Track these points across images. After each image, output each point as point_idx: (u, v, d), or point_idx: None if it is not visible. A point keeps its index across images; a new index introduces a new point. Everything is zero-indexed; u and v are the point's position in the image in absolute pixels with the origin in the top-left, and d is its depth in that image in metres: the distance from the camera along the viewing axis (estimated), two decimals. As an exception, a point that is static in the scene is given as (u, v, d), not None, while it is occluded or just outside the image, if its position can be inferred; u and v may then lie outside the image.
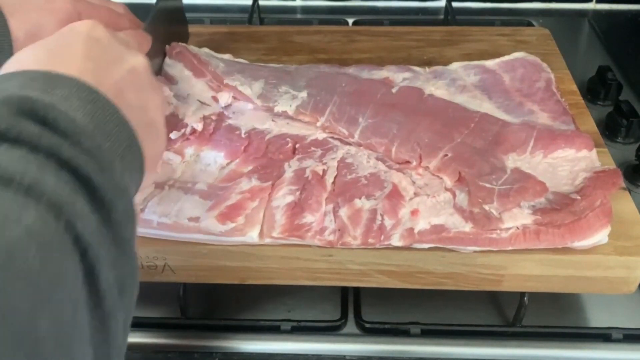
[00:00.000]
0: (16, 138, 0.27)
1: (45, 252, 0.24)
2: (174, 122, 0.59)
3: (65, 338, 0.25)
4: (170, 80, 0.64)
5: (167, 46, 0.66)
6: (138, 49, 0.45)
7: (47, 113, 0.29)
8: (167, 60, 0.65)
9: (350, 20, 0.97)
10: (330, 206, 0.51)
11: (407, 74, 0.65)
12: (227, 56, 0.69)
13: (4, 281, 0.22)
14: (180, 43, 0.67)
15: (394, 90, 0.63)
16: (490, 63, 0.67)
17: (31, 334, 0.23)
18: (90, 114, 0.32)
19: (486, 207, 0.50)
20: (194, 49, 0.67)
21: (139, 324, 0.55)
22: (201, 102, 0.62)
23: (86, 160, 0.29)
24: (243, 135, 0.59)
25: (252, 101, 0.62)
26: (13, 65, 0.35)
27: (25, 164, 0.26)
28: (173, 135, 0.58)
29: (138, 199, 0.41)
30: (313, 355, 0.53)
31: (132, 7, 0.61)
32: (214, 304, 0.58)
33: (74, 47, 0.37)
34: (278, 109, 0.61)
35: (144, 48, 0.51)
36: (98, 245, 0.28)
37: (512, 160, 0.55)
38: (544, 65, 0.67)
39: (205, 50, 0.68)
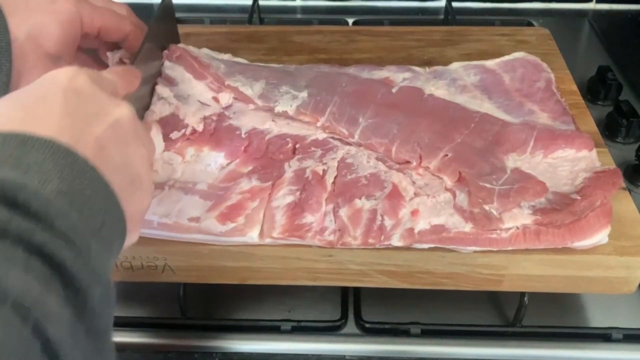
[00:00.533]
0: None
1: None
2: (174, 122, 0.59)
3: None
4: (170, 82, 0.64)
5: (165, 51, 0.66)
6: (126, 88, 0.44)
7: (17, 195, 0.27)
8: (167, 62, 0.65)
9: (350, 20, 0.97)
10: (331, 206, 0.51)
11: (407, 74, 0.65)
12: (226, 56, 0.69)
13: None
14: (179, 45, 0.66)
15: (394, 90, 0.63)
16: (490, 63, 0.67)
17: None
18: (68, 179, 0.30)
19: (486, 207, 0.50)
20: (193, 51, 0.66)
21: (139, 324, 0.55)
22: (202, 102, 0.62)
23: (60, 245, 0.27)
24: (243, 136, 0.59)
25: (253, 102, 0.62)
26: None
27: None
28: (173, 136, 0.58)
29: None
30: (313, 355, 0.53)
31: (133, 7, 0.61)
32: (214, 304, 0.58)
33: (51, 102, 0.34)
34: (278, 109, 0.61)
35: (134, 85, 0.47)
36: (71, 347, 0.26)
37: (512, 161, 0.55)
38: (544, 65, 0.67)
39: (205, 51, 0.68)
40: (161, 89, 0.62)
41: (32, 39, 0.50)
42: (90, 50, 0.60)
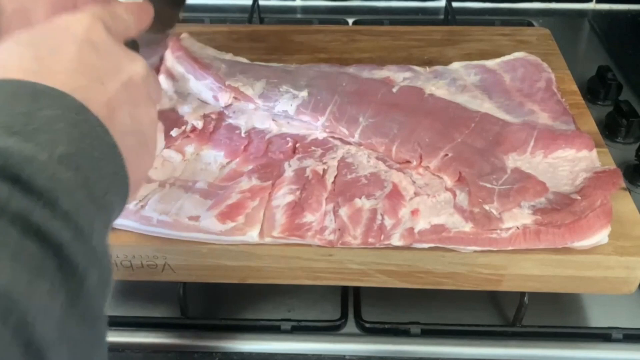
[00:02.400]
0: None
1: None
2: (173, 118, 0.59)
3: None
4: (171, 76, 0.64)
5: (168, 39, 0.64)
6: (139, 27, 0.42)
7: (23, 169, 0.26)
8: (169, 56, 0.65)
9: (351, 21, 0.97)
10: (331, 206, 0.51)
11: (407, 74, 0.65)
12: (228, 56, 0.69)
13: None
14: (182, 43, 0.66)
15: (394, 90, 0.63)
16: (490, 63, 0.67)
17: None
18: (77, 139, 0.29)
19: (486, 207, 0.50)
20: (194, 50, 0.66)
21: (139, 324, 0.55)
22: (201, 100, 0.62)
23: (60, 225, 0.26)
24: (243, 135, 0.59)
25: (253, 101, 0.62)
26: None
27: None
28: (173, 133, 0.58)
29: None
30: (313, 355, 0.53)
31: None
32: (214, 304, 0.58)
33: (67, 53, 0.33)
34: (279, 108, 0.61)
35: (145, 22, 0.45)
36: (58, 344, 0.24)
37: (513, 160, 0.55)
38: (545, 65, 0.67)
39: (210, 50, 0.68)
40: (162, 80, 0.62)
41: (19, 16, 0.47)
42: None
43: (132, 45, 0.44)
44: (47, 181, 0.26)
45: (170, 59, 0.65)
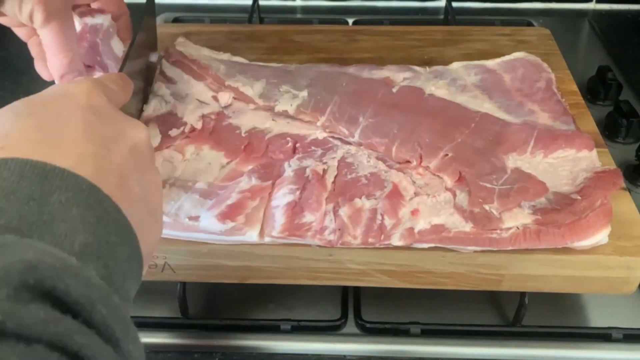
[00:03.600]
0: (13, 331, 0.22)
1: None
2: (172, 120, 0.59)
3: None
4: (168, 80, 0.64)
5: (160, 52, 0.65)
6: (125, 99, 0.41)
7: (56, 283, 0.24)
8: (165, 62, 0.65)
9: (350, 20, 0.96)
10: (331, 206, 0.51)
11: (407, 74, 0.65)
12: (226, 56, 0.69)
13: None
14: (177, 48, 0.66)
15: (394, 90, 0.63)
16: (490, 63, 0.67)
17: None
18: (92, 225, 0.28)
19: (486, 207, 0.50)
20: (192, 52, 0.66)
21: (139, 324, 0.54)
22: (200, 101, 0.62)
23: (98, 346, 0.24)
24: (243, 135, 0.59)
25: (253, 102, 0.62)
26: None
27: None
28: (172, 133, 0.58)
29: None
30: (313, 355, 0.53)
31: (133, 7, 0.61)
32: (214, 304, 0.58)
33: (70, 121, 0.32)
34: (279, 108, 0.61)
35: (128, 94, 0.44)
36: None
37: (513, 160, 0.55)
38: (545, 65, 0.67)
39: (205, 51, 0.68)
40: (158, 87, 0.62)
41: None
42: None
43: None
44: (83, 292, 0.25)
45: (166, 64, 0.65)
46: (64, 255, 0.26)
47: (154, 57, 0.65)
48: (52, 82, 0.52)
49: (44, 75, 0.54)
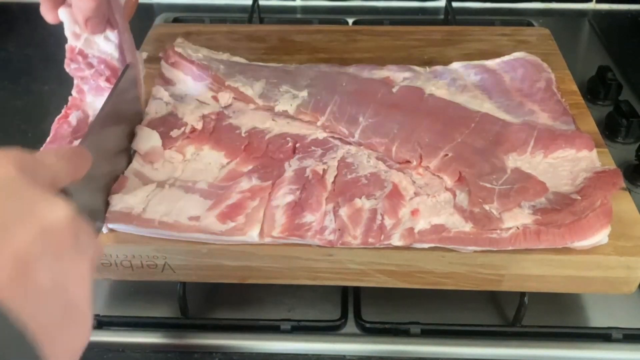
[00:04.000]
0: None
1: None
2: (173, 121, 0.59)
3: None
4: (167, 82, 0.64)
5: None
6: (72, 175, 0.36)
7: None
8: (164, 63, 0.65)
9: (350, 20, 0.96)
10: (331, 206, 0.51)
11: (407, 74, 0.65)
12: (225, 55, 0.69)
13: None
14: (176, 49, 0.66)
15: (394, 90, 0.63)
16: (490, 63, 0.67)
17: None
18: None
19: (486, 207, 0.50)
20: (191, 53, 0.66)
21: (138, 324, 0.55)
22: (200, 101, 0.62)
23: None
24: (243, 135, 0.59)
25: (253, 101, 0.62)
26: None
27: None
28: (173, 134, 0.58)
29: None
30: (313, 355, 0.53)
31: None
32: (214, 304, 0.58)
33: None
34: (279, 108, 0.61)
35: (82, 170, 0.38)
36: None
37: (513, 160, 0.55)
38: (545, 65, 0.67)
39: (204, 51, 0.68)
40: (157, 90, 0.62)
41: None
42: None
43: (65, 194, 0.36)
44: None
45: (165, 65, 0.65)
46: None
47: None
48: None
49: (48, 18, 0.52)
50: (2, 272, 0.25)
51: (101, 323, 0.55)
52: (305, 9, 1.03)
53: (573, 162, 0.55)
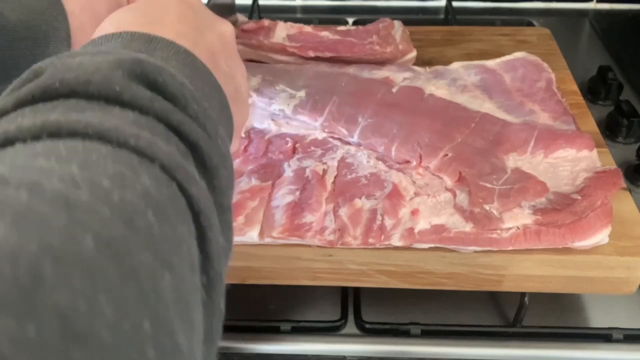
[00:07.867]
0: (129, 101, 0.27)
1: (162, 214, 0.24)
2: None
3: (185, 299, 0.24)
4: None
5: None
6: None
7: (157, 76, 0.29)
8: None
9: (350, 20, 0.96)
10: (331, 206, 0.51)
11: (407, 74, 0.65)
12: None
13: (127, 241, 0.22)
14: None
15: (394, 90, 0.63)
16: (490, 63, 0.67)
17: (156, 294, 0.22)
18: (188, 77, 0.32)
19: (487, 207, 0.50)
20: None
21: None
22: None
23: (194, 126, 0.29)
24: (243, 135, 0.59)
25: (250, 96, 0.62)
26: (110, 25, 0.35)
27: (138, 127, 0.26)
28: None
29: None
30: (313, 355, 0.53)
31: None
32: (214, 304, 0.58)
33: (169, 11, 0.38)
34: (275, 107, 0.61)
35: None
36: (208, 210, 0.27)
37: (513, 160, 0.55)
38: (545, 65, 0.67)
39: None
40: None
41: (87, 12, 0.49)
42: None
43: None
44: (178, 89, 0.29)
45: None
46: (163, 64, 0.31)
47: None
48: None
49: None
50: (204, 55, 0.35)
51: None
52: (305, 9, 1.03)
53: (573, 162, 0.55)
